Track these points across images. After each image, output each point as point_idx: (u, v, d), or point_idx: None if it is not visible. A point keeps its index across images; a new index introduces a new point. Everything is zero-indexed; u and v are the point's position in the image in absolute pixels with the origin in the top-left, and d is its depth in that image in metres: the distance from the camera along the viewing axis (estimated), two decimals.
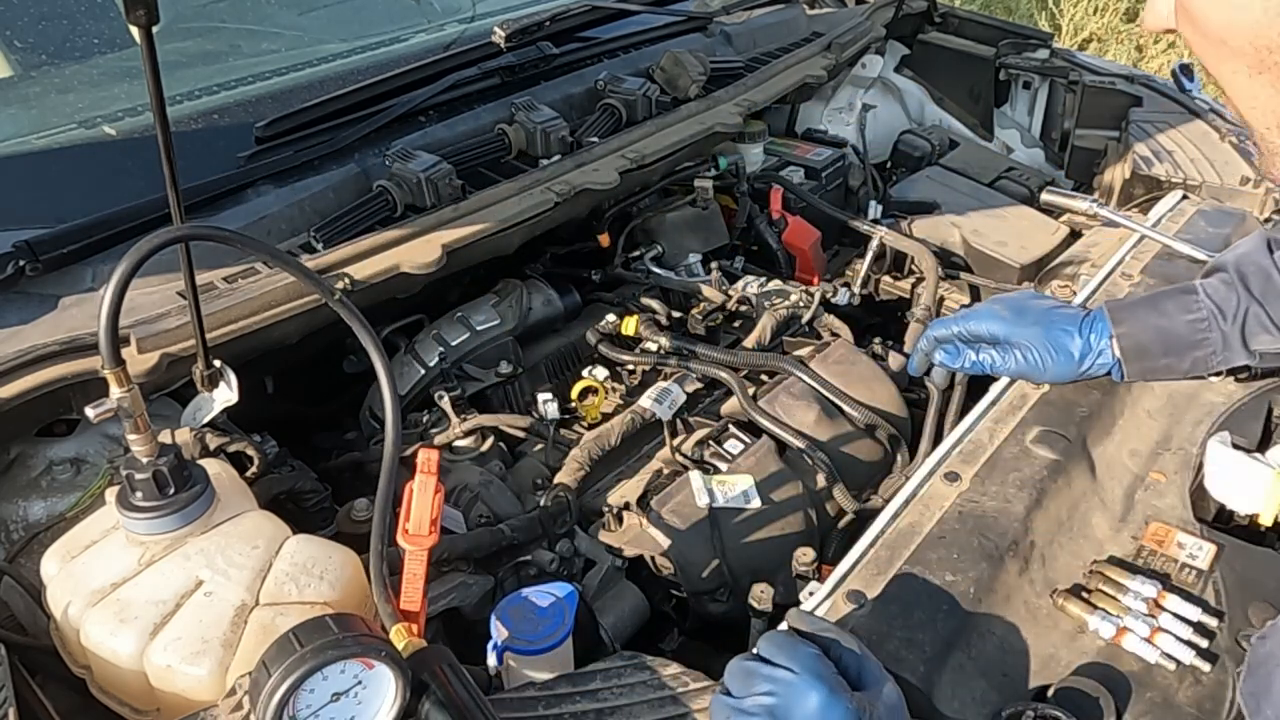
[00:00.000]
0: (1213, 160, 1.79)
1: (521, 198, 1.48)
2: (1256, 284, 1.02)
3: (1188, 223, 1.58)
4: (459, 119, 1.64)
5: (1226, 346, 1.03)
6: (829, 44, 2.05)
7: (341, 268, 1.30)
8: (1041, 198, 1.87)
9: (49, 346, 1.11)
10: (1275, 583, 1.03)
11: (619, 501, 1.25)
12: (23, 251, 1.20)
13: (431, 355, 1.49)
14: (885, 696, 0.80)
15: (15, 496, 1.14)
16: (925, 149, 2.13)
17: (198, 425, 1.18)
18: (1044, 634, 0.98)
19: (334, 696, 0.78)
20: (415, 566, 0.87)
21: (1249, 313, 1.02)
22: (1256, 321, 1.02)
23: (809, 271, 1.85)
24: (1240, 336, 1.02)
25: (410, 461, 0.91)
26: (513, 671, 0.98)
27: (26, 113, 1.52)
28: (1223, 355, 1.04)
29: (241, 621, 0.91)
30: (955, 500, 1.09)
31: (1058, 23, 5.15)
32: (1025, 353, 1.12)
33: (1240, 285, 1.02)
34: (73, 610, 0.93)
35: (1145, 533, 1.09)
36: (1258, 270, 1.02)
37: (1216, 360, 1.05)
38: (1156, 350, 1.06)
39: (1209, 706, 0.91)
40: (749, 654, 0.83)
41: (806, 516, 1.30)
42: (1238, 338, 1.02)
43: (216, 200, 1.39)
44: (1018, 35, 2.25)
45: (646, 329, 1.52)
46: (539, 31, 1.75)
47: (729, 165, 1.88)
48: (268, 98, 1.59)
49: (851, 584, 1.00)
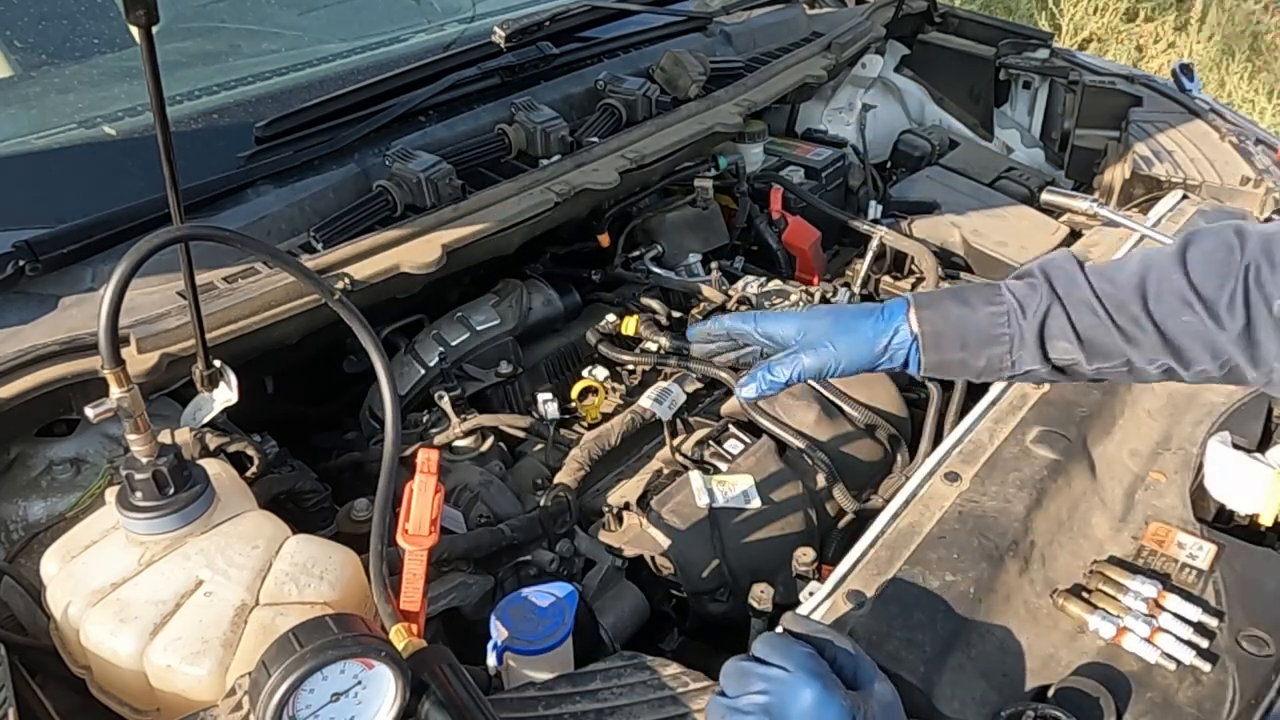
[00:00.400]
0: (1213, 160, 1.79)
1: (521, 198, 1.48)
2: (1061, 285, 0.95)
3: (1188, 223, 1.59)
4: (459, 119, 1.64)
5: (1023, 345, 0.95)
6: (829, 44, 2.05)
7: (341, 268, 1.30)
8: (1041, 198, 1.87)
9: (49, 346, 1.11)
10: (1275, 583, 1.03)
11: (619, 501, 1.25)
12: (23, 251, 1.20)
13: (431, 355, 1.49)
14: (880, 695, 0.80)
15: (15, 496, 1.14)
16: (925, 149, 2.13)
17: (198, 425, 1.18)
18: (1044, 634, 0.98)
19: (334, 696, 0.78)
20: (415, 566, 0.87)
21: (1050, 311, 0.94)
22: (1057, 324, 0.94)
23: (809, 271, 1.85)
24: (1038, 335, 0.95)
25: (410, 461, 0.91)
26: (513, 671, 0.98)
27: (26, 113, 1.52)
28: (1018, 354, 0.95)
29: (241, 621, 0.91)
30: (955, 500, 1.09)
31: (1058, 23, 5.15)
32: (818, 342, 1.01)
33: (1045, 284, 0.96)
34: (73, 610, 0.92)
35: (1145, 533, 1.09)
36: (1064, 274, 0.96)
37: (1011, 360, 0.96)
38: (954, 339, 0.97)
39: (1209, 706, 0.91)
40: (744, 655, 0.83)
41: (806, 516, 1.30)
42: (1035, 336, 0.95)
43: (216, 200, 1.39)
44: (1018, 35, 2.25)
45: (646, 329, 1.52)
46: (539, 31, 1.75)
47: (729, 165, 1.88)
48: (268, 98, 1.59)
49: (851, 584, 1.00)
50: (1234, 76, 4.60)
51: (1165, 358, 0.91)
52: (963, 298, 0.98)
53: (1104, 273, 0.95)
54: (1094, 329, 0.93)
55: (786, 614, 0.89)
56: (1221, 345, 0.88)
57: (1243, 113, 2.60)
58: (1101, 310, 0.92)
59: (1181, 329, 0.90)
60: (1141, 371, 0.94)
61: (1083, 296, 0.94)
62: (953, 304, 0.98)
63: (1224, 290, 0.87)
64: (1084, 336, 0.93)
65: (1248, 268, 0.87)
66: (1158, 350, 0.91)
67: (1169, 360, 0.91)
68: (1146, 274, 0.92)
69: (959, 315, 0.97)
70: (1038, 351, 0.95)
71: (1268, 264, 0.86)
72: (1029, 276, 0.98)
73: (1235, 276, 0.87)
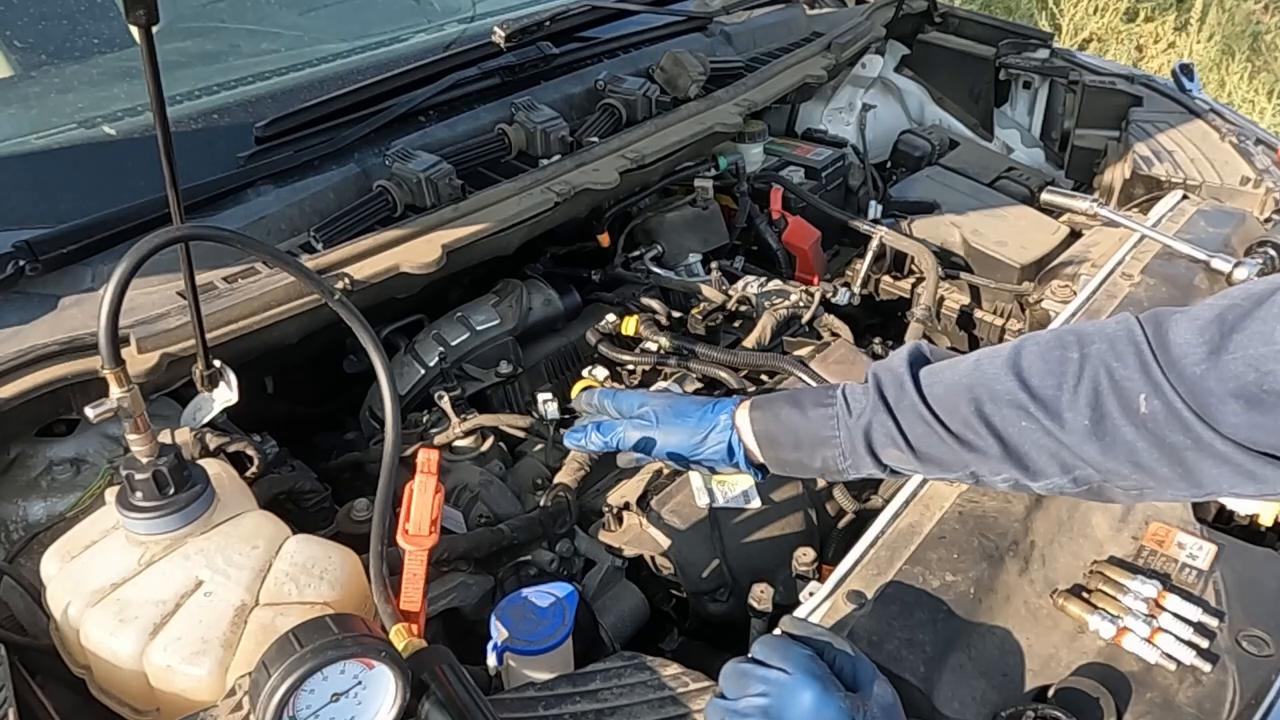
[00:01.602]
0: (1213, 160, 1.79)
1: (521, 198, 1.48)
2: (891, 391, 0.92)
3: (1188, 223, 1.59)
4: (459, 119, 1.64)
5: (853, 450, 0.93)
6: (829, 44, 2.05)
7: (341, 268, 1.30)
8: (1041, 198, 1.87)
9: (49, 346, 1.11)
10: (1275, 583, 1.03)
11: (619, 501, 1.25)
12: (23, 251, 1.20)
13: (431, 355, 1.49)
14: (880, 697, 0.80)
15: (15, 496, 1.14)
16: (925, 149, 2.13)
17: (198, 425, 1.18)
18: (1044, 634, 0.98)
19: (334, 697, 0.78)
20: (415, 566, 0.87)
21: (874, 420, 0.91)
22: (883, 431, 0.91)
23: (809, 271, 1.85)
24: (865, 440, 0.92)
25: (410, 461, 0.91)
26: (513, 671, 0.98)
27: (26, 113, 1.52)
28: (851, 460, 0.93)
29: (241, 621, 0.91)
30: (955, 500, 1.09)
31: (1058, 23, 5.15)
32: (646, 417, 1.04)
33: (875, 390, 0.93)
34: (73, 610, 0.92)
35: (1145, 533, 1.09)
36: (893, 379, 0.92)
37: (846, 464, 0.94)
38: (787, 441, 0.96)
39: (1209, 707, 0.91)
40: (743, 656, 0.84)
41: (806, 516, 1.30)
42: (862, 441, 0.92)
43: (216, 200, 1.39)
44: (1018, 35, 2.25)
45: (646, 329, 1.52)
46: (539, 31, 1.75)
47: (729, 165, 1.88)
48: (268, 98, 1.59)
49: (851, 584, 1.00)
50: (1234, 76, 4.60)
51: (1009, 469, 0.86)
52: (796, 400, 0.98)
53: (936, 376, 0.91)
54: (926, 438, 0.89)
55: (786, 616, 0.89)
56: (1067, 454, 0.83)
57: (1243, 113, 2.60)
58: (933, 419, 0.88)
59: (1021, 436, 0.84)
60: (989, 485, 0.90)
61: (911, 404, 0.90)
62: (785, 406, 0.98)
63: (1063, 391, 0.82)
64: (916, 447, 0.90)
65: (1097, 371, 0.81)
66: (1002, 463, 0.86)
67: (1014, 472, 0.86)
68: (976, 385, 0.87)
69: (789, 417, 0.97)
70: (869, 457, 0.93)
71: (1118, 363, 0.80)
72: (869, 380, 0.95)
73: (1075, 375, 0.82)
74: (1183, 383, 0.76)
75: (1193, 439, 0.77)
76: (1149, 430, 0.78)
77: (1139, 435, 0.79)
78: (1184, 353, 0.77)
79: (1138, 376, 0.79)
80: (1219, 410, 0.74)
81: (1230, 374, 0.74)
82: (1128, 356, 0.80)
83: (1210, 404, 0.75)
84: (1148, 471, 0.80)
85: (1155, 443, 0.78)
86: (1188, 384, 0.76)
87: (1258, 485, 0.77)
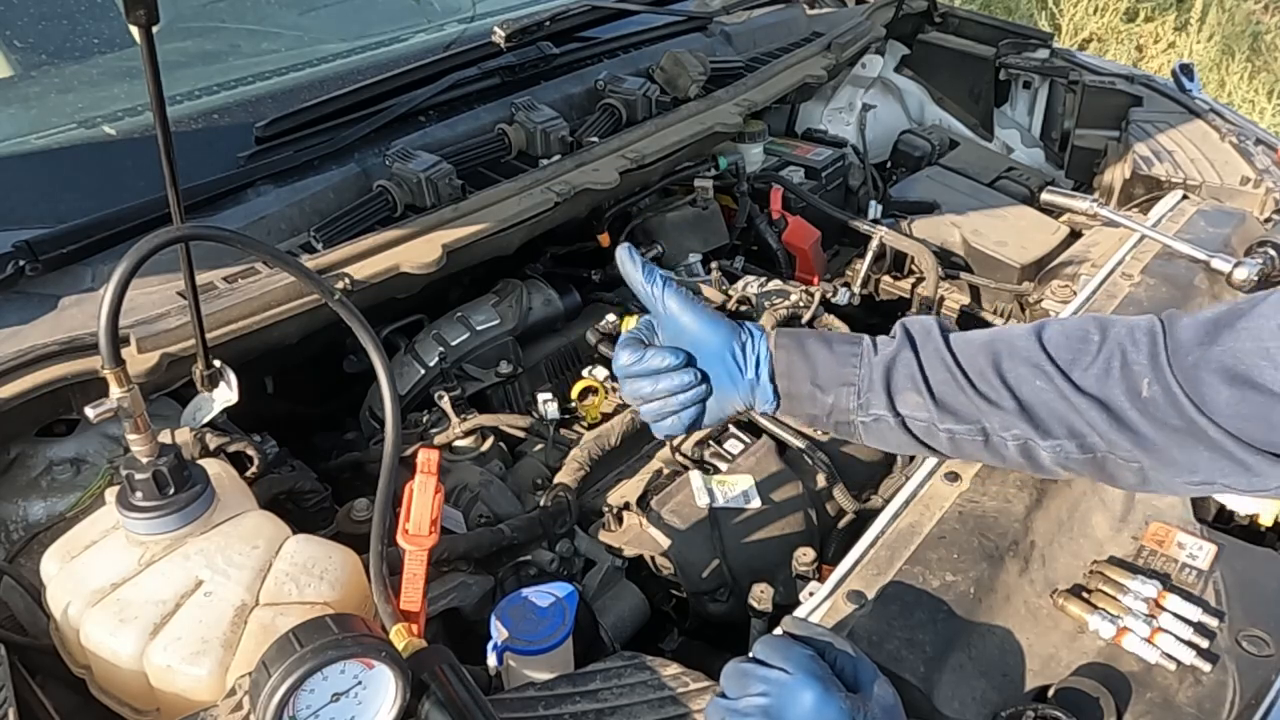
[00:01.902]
0: (1213, 160, 1.79)
1: (521, 198, 1.48)
2: (918, 335, 0.94)
3: (1188, 223, 1.58)
4: (459, 119, 1.64)
5: (870, 388, 0.93)
6: (829, 44, 2.05)
7: (341, 268, 1.30)
8: (1041, 198, 1.87)
9: (49, 346, 1.11)
10: (1275, 583, 1.03)
11: (619, 501, 1.25)
12: (23, 251, 1.20)
13: (431, 355, 1.49)
14: (881, 697, 0.80)
15: (15, 496, 1.14)
16: (925, 149, 2.13)
17: (198, 425, 1.18)
18: (1044, 634, 0.98)
19: (334, 697, 0.78)
20: (415, 566, 0.87)
21: (899, 358, 0.93)
22: (906, 371, 0.92)
23: (809, 271, 1.85)
24: (885, 379, 0.93)
25: (410, 461, 0.91)
26: (513, 671, 0.98)
27: (26, 113, 1.52)
28: (864, 399, 0.93)
29: (241, 621, 0.91)
30: (955, 500, 1.09)
31: (1058, 23, 5.15)
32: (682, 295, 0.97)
33: (903, 332, 0.95)
34: (73, 610, 0.92)
35: (1145, 533, 1.09)
36: (921, 326, 0.95)
37: (856, 404, 0.93)
38: (804, 374, 0.95)
39: (1209, 706, 0.91)
40: (744, 656, 0.84)
41: (806, 516, 1.30)
42: (881, 380, 0.93)
43: (216, 200, 1.39)
44: (1018, 35, 2.25)
45: None
46: (539, 31, 1.75)
47: (729, 165, 1.88)
48: (268, 98, 1.59)
49: (852, 584, 1.00)
50: (1234, 76, 4.60)
51: (1021, 424, 0.88)
52: (824, 337, 0.98)
53: (961, 334, 0.95)
54: (945, 384, 0.91)
55: (787, 616, 0.89)
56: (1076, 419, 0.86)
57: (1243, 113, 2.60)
58: (954, 366, 0.91)
59: (1035, 394, 0.88)
60: (997, 446, 0.91)
61: (936, 348, 0.93)
62: (812, 339, 0.98)
63: (1077, 364, 0.87)
64: (935, 391, 0.91)
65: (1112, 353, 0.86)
66: (1014, 418, 0.89)
67: (1025, 428, 0.88)
68: (998, 340, 0.92)
69: (814, 349, 0.96)
70: (885, 398, 0.93)
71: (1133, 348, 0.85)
72: (896, 330, 0.97)
73: (1092, 355, 0.87)
74: (1181, 370, 0.82)
75: (1186, 422, 0.82)
76: (1150, 414, 0.84)
77: (1141, 418, 0.84)
78: (1184, 339, 0.83)
79: (1146, 363, 0.84)
80: (1207, 393, 0.80)
81: (1216, 360, 0.80)
82: (1143, 344, 0.85)
83: (1201, 389, 0.81)
84: (1146, 450, 0.85)
85: (1155, 425, 0.84)
86: (1184, 371, 0.82)
87: (1251, 478, 0.81)
